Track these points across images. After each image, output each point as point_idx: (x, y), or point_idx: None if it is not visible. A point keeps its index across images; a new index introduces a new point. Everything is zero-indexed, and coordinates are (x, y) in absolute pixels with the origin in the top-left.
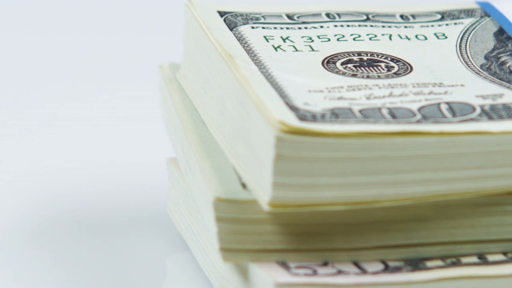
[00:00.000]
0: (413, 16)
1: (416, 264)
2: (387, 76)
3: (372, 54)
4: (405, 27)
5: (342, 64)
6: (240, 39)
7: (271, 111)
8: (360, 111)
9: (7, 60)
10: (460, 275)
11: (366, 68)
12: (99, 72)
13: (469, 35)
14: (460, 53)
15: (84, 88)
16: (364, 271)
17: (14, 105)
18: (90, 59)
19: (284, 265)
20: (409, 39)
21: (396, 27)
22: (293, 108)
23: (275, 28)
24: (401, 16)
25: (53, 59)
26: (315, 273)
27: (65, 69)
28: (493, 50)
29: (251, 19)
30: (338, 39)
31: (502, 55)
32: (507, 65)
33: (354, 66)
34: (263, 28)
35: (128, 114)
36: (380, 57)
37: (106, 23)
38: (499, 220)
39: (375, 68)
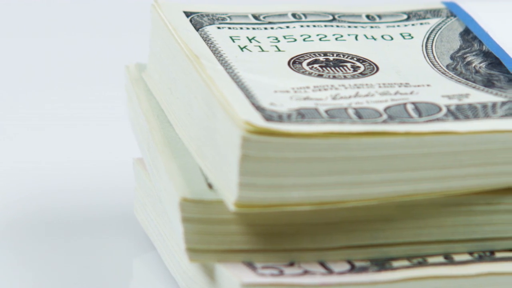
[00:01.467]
0: (379, 16)
1: (382, 264)
2: (353, 76)
3: (338, 54)
4: (371, 27)
5: (308, 64)
6: (206, 39)
7: (237, 112)
8: (326, 111)
9: None
10: (426, 275)
11: (332, 68)
12: (64, 73)
13: (435, 35)
14: (426, 53)
15: (50, 88)
16: (330, 271)
17: None
18: (56, 60)
19: (250, 265)
20: (375, 39)
21: (362, 27)
22: (259, 108)
23: (241, 28)
24: (367, 16)
25: (19, 62)
26: (281, 273)
27: (30, 70)
28: (459, 50)
29: (217, 19)
30: (304, 39)
31: (468, 55)
32: (473, 65)
33: (320, 66)
34: (229, 28)
35: (94, 115)
36: (346, 57)
37: (73, 24)
38: (465, 220)
39: (341, 68)
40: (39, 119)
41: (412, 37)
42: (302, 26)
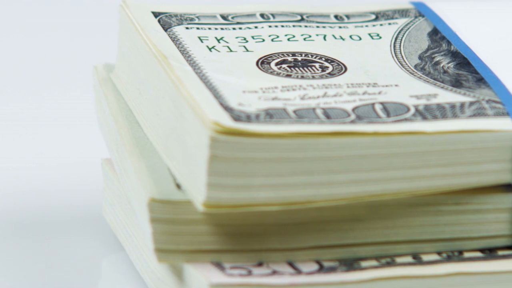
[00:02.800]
0: (348, 17)
1: (350, 264)
2: (321, 77)
3: (307, 55)
4: (340, 27)
5: (277, 64)
6: (175, 39)
7: (206, 112)
8: (295, 112)
9: None
10: (395, 275)
11: (301, 69)
12: (33, 73)
13: (403, 35)
14: (395, 53)
15: (17, 89)
16: (298, 272)
17: None
18: (24, 60)
19: (219, 265)
20: (343, 39)
21: (330, 27)
22: (227, 108)
23: (209, 28)
24: (336, 17)
25: None
26: (250, 273)
27: None
28: (427, 50)
29: (186, 19)
30: (272, 40)
31: (436, 55)
32: (441, 65)
33: (288, 66)
34: (198, 28)
35: (62, 115)
36: (315, 58)
37: (41, 24)
38: (433, 220)
39: (309, 68)
40: (5, 120)
41: (380, 37)
42: (270, 26)
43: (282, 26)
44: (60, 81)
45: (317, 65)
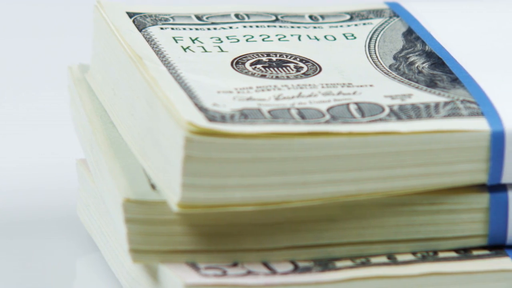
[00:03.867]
0: (322, 17)
1: (325, 264)
2: (296, 77)
3: (281, 55)
4: (314, 27)
5: (251, 64)
6: (149, 40)
7: (180, 112)
8: (269, 112)
9: None
10: (370, 275)
11: (275, 69)
12: (7, 73)
13: (378, 36)
14: (369, 53)
15: None
16: (273, 272)
17: None
18: None
19: (193, 266)
20: (318, 39)
21: (305, 27)
22: (202, 109)
23: (184, 29)
24: (310, 17)
25: None
26: (224, 273)
27: None
28: (401, 50)
29: (160, 20)
30: (247, 40)
31: (410, 55)
32: (416, 65)
33: (263, 66)
34: (172, 29)
35: (37, 116)
36: (289, 58)
37: (15, 24)
38: (408, 220)
39: (284, 68)
40: None
41: (355, 38)
42: (245, 26)
43: (257, 26)
44: (35, 82)
45: (291, 65)
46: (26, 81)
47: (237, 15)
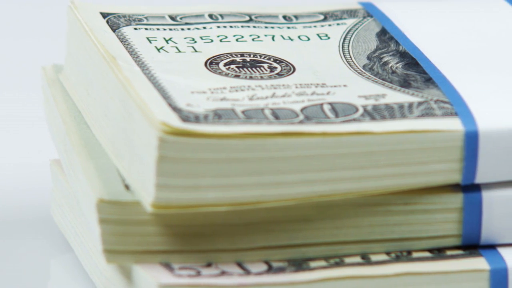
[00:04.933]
0: (296, 17)
1: (299, 264)
2: (270, 77)
3: (255, 55)
4: (288, 27)
5: (225, 65)
6: (123, 40)
7: (154, 112)
8: (243, 112)
9: None
10: (343, 275)
11: (249, 69)
12: None
13: (351, 36)
14: (343, 53)
15: None
16: (247, 272)
17: None
18: None
19: (167, 266)
20: (292, 39)
21: (279, 27)
22: (176, 109)
23: (158, 29)
24: (284, 17)
25: None
26: (198, 274)
27: None
28: (375, 50)
29: (134, 20)
30: (221, 40)
31: (384, 55)
32: (390, 65)
33: (237, 67)
34: (146, 29)
35: (11, 116)
36: (263, 58)
37: None
38: (382, 220)
39: (258, 69)
40: None
41: (328, 38)
42: (218, 26)
43: (231, 26)
44: (9, 82)
45: (265, 65)
46: (0, 81)
47: (211, 16)
